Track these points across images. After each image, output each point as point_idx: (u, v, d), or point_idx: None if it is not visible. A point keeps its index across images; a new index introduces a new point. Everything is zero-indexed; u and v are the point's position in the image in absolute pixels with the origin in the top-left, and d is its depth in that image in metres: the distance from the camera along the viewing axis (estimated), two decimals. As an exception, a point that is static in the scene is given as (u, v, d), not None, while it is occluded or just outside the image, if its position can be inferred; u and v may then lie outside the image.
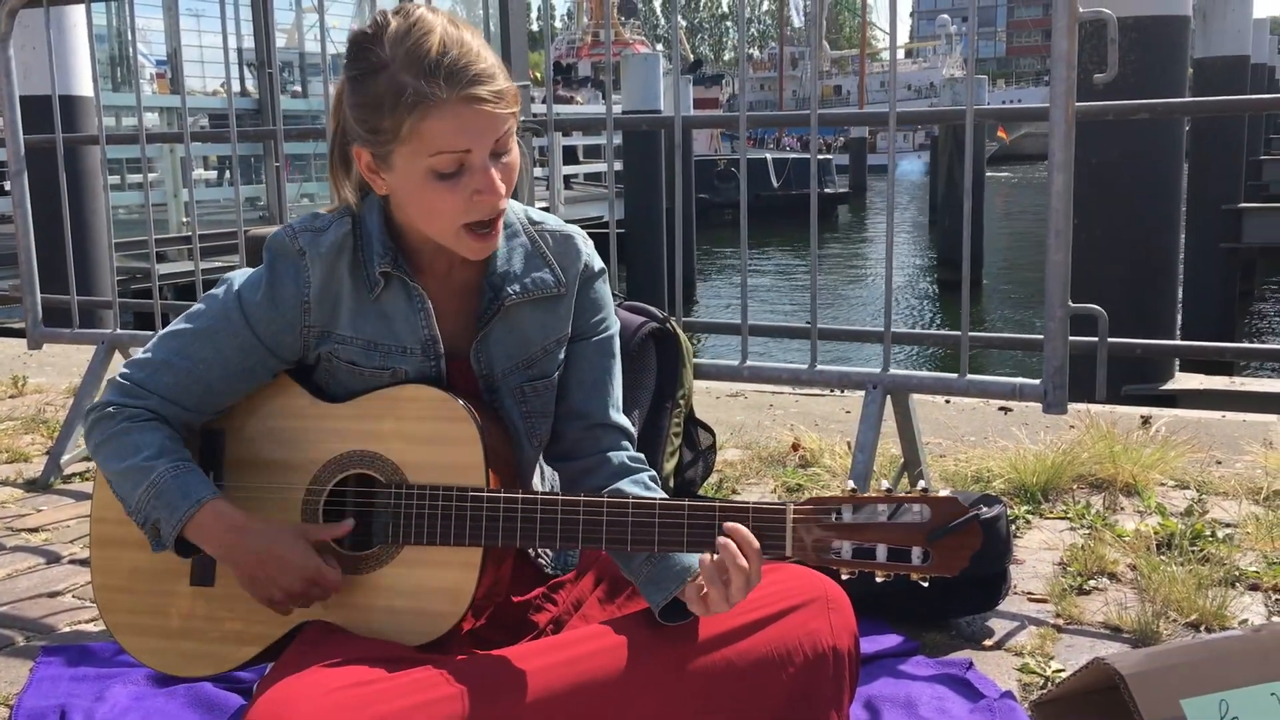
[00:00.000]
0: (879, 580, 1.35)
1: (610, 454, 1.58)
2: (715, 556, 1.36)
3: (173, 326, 1.54)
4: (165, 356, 1.51)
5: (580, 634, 1.48)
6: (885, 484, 1.36)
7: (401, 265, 1.50)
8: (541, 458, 1.67)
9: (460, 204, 1.40)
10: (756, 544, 1.35)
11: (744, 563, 1.34)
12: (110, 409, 1.50)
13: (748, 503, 1.39)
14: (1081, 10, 2.39)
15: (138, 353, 1.56)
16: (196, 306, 1.55)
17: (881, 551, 1.33)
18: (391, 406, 1.49)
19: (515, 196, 1.61)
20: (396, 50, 1.37)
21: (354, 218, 1.52)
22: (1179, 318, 8.50)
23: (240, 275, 1.54)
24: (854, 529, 1.33)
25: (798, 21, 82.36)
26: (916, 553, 1.32)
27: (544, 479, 1.72)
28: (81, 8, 3.73)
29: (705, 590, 1.37)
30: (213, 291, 1.54)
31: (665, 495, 1.58)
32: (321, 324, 1.50)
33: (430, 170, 1.39)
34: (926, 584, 1.33)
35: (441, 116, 1.35)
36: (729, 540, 1.35)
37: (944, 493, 1.34)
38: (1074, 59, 2.38)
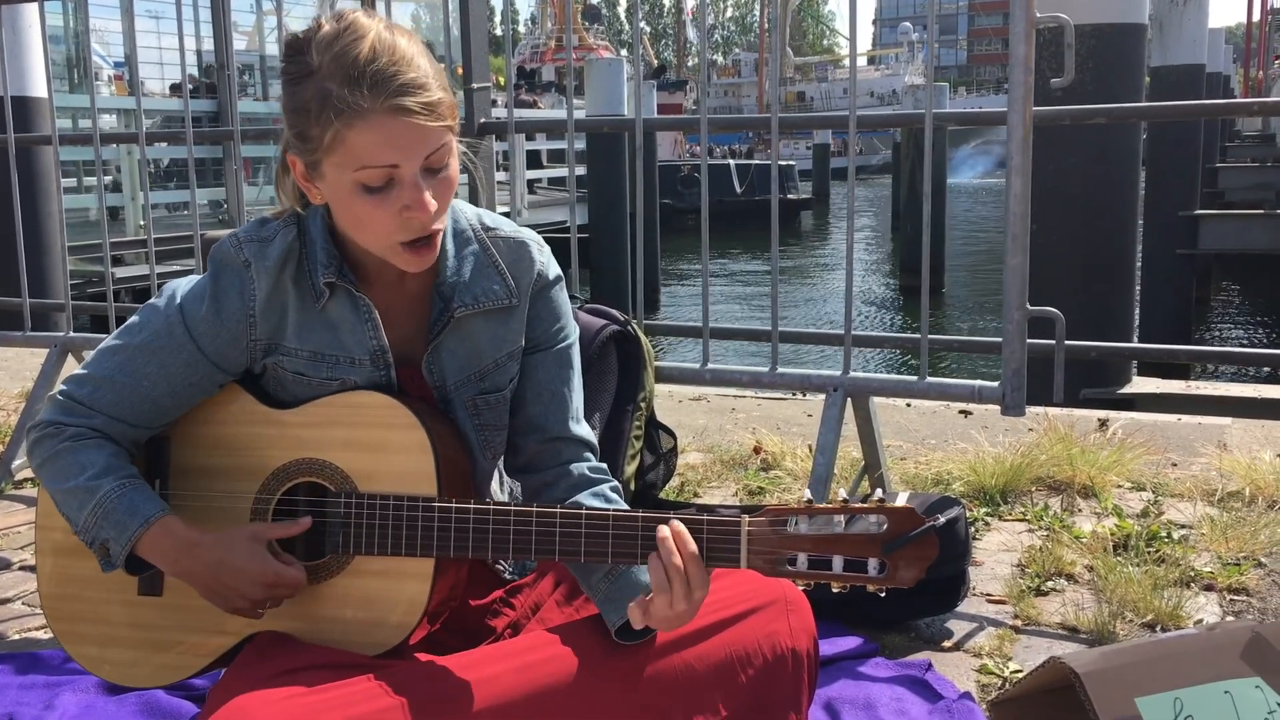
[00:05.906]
0: (835, 590, 1.34)
1: (571, 466, 1.55)
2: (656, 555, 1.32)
3: (112, 340, 1.49)
4: (107, 373, 1.46)
5: (534, 639, 1.45)
6: (843, 493, 1.35)
7: (346, 275, 1.46)
8: (502, 467, 1.64)
9: (390, 220, 1.35)
10: (693, 546, 1.32)
11: (678, 561, 1.30)
12: (52, 428, 1.45)
13: (702, 516, 1.36)
14: (1039, 16, 2.41)
15: (77, 368, 1.51)
16: (136, 319, 1.49)
17: (838, 563, 1.31)
18: (341, 413, 1.46)
19: (475, 202, 1.59)
20: (324, 56, 1.31)
21: (299, 225, 1.47)
22: (1136, 323, 8.61)
23: (183, 285, 1.49)
24: (810, 540, 1.32)
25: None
26: (873, 564, 1.31)
27: (504, 487, 1.69)
28: (34, 7, 3.67)
29: (651, 598, 1.32)
30: (153, 302, 1.49)
31: (626, 507, 1.56)
32: (268, 336, 1.47)
33: (357, 184, 1.33)
34: (884, 594, 1.33)
35: (366, 127, 1.30)
36: (667, 537, 1.32)
37: (900, 502, 1.33)
38: (1031, 64, 2.40)
